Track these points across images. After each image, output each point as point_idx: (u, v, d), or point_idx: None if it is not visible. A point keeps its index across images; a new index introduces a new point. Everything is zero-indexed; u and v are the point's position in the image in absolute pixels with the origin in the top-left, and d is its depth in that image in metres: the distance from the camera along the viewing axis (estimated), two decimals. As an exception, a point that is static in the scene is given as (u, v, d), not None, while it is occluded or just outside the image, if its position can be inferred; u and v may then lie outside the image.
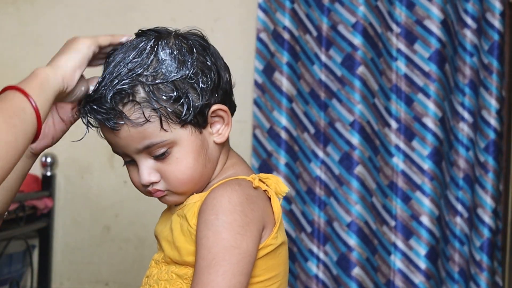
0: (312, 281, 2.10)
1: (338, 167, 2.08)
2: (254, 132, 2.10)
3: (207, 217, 1.01)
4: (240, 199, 1.02)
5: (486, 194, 2.06)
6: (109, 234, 2.20)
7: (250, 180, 1.06)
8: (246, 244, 1.00)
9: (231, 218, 1.00)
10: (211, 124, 1.07)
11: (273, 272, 1.07)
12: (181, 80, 1.03)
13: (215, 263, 0.99)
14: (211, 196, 1.03)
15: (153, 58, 1.03)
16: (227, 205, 1.01)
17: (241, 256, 1.00)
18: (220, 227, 1.00)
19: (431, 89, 2.07)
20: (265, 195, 1.06)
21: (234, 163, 1.11)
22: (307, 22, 2.12)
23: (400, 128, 2.11)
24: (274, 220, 1.06)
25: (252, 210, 1.02)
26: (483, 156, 2.07)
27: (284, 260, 1.09)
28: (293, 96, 2.10)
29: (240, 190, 1.03)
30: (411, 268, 2.08)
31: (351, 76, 2.07)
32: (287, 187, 1.08)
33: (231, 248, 0.99)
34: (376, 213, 2.09)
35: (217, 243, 1.00)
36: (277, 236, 1.06)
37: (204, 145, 1.06)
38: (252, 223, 1.02)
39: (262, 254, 1.04)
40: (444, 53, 2.07)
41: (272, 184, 1.07)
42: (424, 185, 2.07)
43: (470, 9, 2.10)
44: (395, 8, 2.10)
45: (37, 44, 2.24)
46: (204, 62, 1.05)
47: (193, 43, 1.06)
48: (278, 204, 1.06)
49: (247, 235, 1.01)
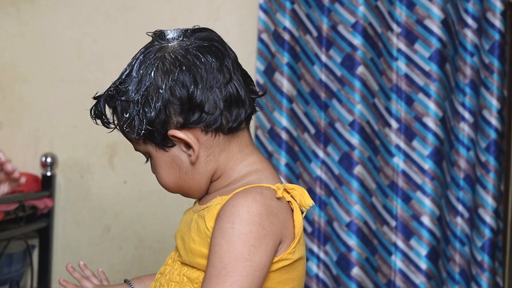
0: (312, 280, 2.10)
1: (338, 167, 2.08)
2: (256, 133, 2.10)
3: (223, 224, 1.00)
4: (260, 210, 0.99)
5: (487, 194, 2.06)
6: (109, 234, 2.20)
7: (274, 189, 1.03)
8: (259, 258, 0.98)
9: (247, 229, 0.98)
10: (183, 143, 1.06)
11: (287, 286, 1.05)
12: (136, 101, 1.04)
13: (225, 273, 0.97)
14: (230, 203, 1.01)
15: (128, 73, 1.07)
16: (245, 215, 0.99)
17: (252, 269, 0.97)
18: (234, 237, 0.98)
19: (432, 89, 2.07)
20: (288, 207, 1.04)
21: (257, 169, 1.08)
22: (307, 23, 2.11)
23: (401, 128, 2.10)
24: (294, 234, 1.03)
25: (270, 223, 1.00)
26: (484, 156, 2.06)
27: (300, 275, 1.07)
28: (293, 97, 2.10)
29: (261, 200, 1.00)
30: (411, 268, 2.08)
31: (350, 76, 2.07)
32: (312, 201, 1.06)
33: (243, 260, 0.97)
34: (377, 213, 2.08)
35: (229, 253, 0.98)
36: (295, 251, 1.03)
37: (176, 161, 1.07)
38: (268, 236, 0.99)
39: (277, 267, 1.02)
40: (444, 53, 2.07)
41: (297, 196, 1.05)
42: (424, 185, 2.07)
43: (470, 9, 2.09)
44: (395, 8, 2.10)
45: (37, 44, 2.24)
46: (175, 85, 1.03)
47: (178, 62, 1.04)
48: (300, 217, 1.04)
49: (262, 248, 0.98)
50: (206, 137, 1.05)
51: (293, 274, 1.05)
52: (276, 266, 1.02)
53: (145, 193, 2.18)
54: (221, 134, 1.06)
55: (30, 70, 2.23)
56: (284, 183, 1.06)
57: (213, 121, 1.04)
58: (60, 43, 2.23)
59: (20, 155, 2.24)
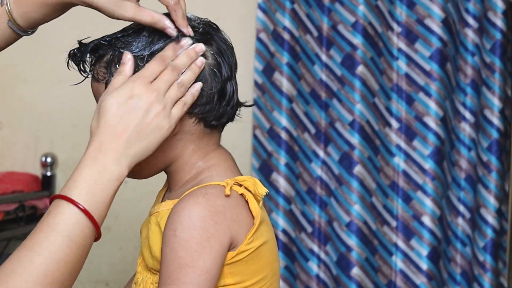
0: (313, 281, 2.10)
1: (338, 167, 2.08)
2: (254, 132, 2.09)
3: (167, 232, 0.99)
4: (201, 213, 0.98)
5: (489, 194, 2.05)
6: (109, 234, 2.19)
7: (223, 185, 1.02)
8: (202, 262, 0.97)
9: (188, 235, 0.97)
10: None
11: (259, 275, 1.04)
12: (140, 56, 1.02)
13: (170, 282, 0.97)
14: (174, 209, 1.00)
15: (137, 30, 1.05)
16: (186, 221, 0.97)
17: (195, 275, 0.97)
18: (176, 245, 0.97)
19: (432, 88, 2.07)
20: (241, 200, 1.03)
21: (211, 165, 1.07)
22: (307, 22, 2.11)
23: (401, 128, 2.10)
24: (253, 223, 1.02)
25: (215, 223, 0.98)
26: (486, 155, 2.06)
27: (269, 261, 1.06)
28: (293, 96, 2.09)
29: (204, 202, 0.99)
30: (412, 268, 2.07)
31: (351, 76, 2.06)
32: (266, 189, 1.04)
33: (186, 267, 0.97)
34: (377, 213, 2.08)
35: (173, 261, 0.97)
36: (252, 240, 1.02)
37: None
38: (213, 238, 0.98)
39: (238, 259, 1.01)
40: (445, 52, 2.07)
41: (251, 186, 1.04)
42: (425, 185, 2.07)
43: (471, 8, 2.09)
44: (396, 7, 2.10)
45: (37, 44, 2.24)
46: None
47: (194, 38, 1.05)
48: (256, 206, 1.03)
49: (205, 251, 0.97)
50: (190, 120, 1.04)
51: (262, 262, 1.05)
52: (236, 259, 1.01)
53: (146, 193, 2.18)
54: (202, 125, 1.05)
55: (30, 70, 2.23)
56: (237, 176, 1.05)
57: (205, 109, 1.04)
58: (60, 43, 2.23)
59: (20, 155, 2.24)
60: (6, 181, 2.05)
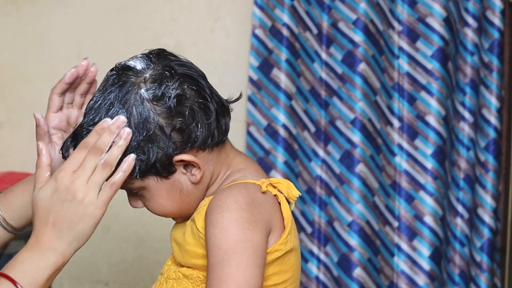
0: (312, 282, 2.08)
1: (339, 166, 2.07)
2: (248, 129, 2.08)
3: (213, 216, 1.00)
4: (247, 200, 1.00)
5: (486, 193, 2.05)
6: (109, 234, 2.19)
7: (259, 184, 1.04)
8: (256, 239, 0.98)
9: (238, 215, 0.99)
10: (183, 166, 1.05)
11: (282, 278, 1.05)
12: (132, 144, 1.01)
13: (227, 257, 0.97)
14: (216, 198, 1.02)
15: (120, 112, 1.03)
16: (233, 204, 1.00)
17: (253, 249, 0.98)
18: (226, 224, 0.98)
19: (434, 87, 2.06)
20: (274, 200, 1.05)
21: (241, 168, 1.09)
22: (307, 20, 2.11)
23: (403, 127, 2.09)
24: (284, 226, 1.04)
25: (259, 211, 1.00)
26: (484, 155, 2.05)
27: (294, 266, 1.07)
28: (292, 94, 2.08)
29: (246, 193, 1.01)
30: (414, 269, 2.06)
31: (352, 73, 2.06)
32: (299, 192, 1.06)
33: (241, 242, 0.97)
34: (379, 213, 2.07)
35: (226, 239, 0.98)
36: (287, 242, 1.03)
37: (176, 185, 1.05)
38: (259, 222, 1.00)
39: (269, 259, 1.02)
40: (446, 51, 2.06)
41: (284, 189, 1.05)
42: (427, 184, 2.06)
43: (470, 8, 2.09)
44: (397, 6, 2.10)
45: (37, 44, 2.24)
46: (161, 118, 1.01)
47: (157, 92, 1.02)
48: (288, 209, 1.04)
49: (256, 230, 0.99)
50: (204, 153, 1.05)
51: (286, 265, 1.05)
52: (269, 258, 1.02)
53: (146, 193, 2.18)
54: (215, 147, 1.06)
55: (30, 70, 2.23)
56: (269, 178, 1.07)
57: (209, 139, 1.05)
58: (60, 43, 2.23)
59: (20, 155, 2.23)
60: (6, 181, 2.04)
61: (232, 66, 2.18)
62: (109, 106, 1.03)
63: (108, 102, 1.03)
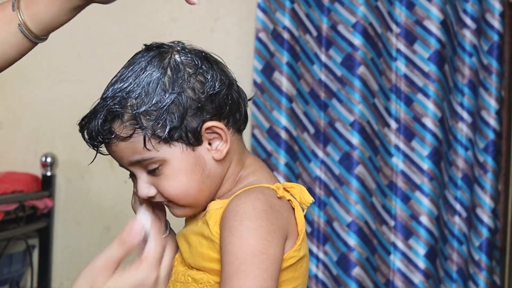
0: (311, 281, 2.10)
1: (338, 167, 2.08)
2: (253, 132, 2.10)
3: (231, 223, 0.98)
4: (264, 207, 0.99)
5: (485, 194, 2.06)
6: (109, 234, 2.20)
7: (274, 189, 1.03)
8: (273, 251, 0.97)
9: (257, 224, 0.97)
10: (209, 140, 1.03)
11: (292, 284, 1.04)
12: (164, 102, 1.00)
13: (244, 268, 0.95)
14: (234, 203, 1.00)
15: (143, 80, 1.01)
16: (251, 211, 0.98)
17: (269, 262, 0.96)
18: (245, 232, 0.97)
19: (431, 89, 2.08)
20: (289, 205, 1.03)
21: (254, 171, 1.07)
22: (307, 22, 2.12)
23: (400, 128, 2.11)
24: (297, 231, 1.03)
25: (276, 219, 0.99)
26: (482, 156, 2.07)
27: (304, 273, 1.06)
28: (293, 96, 2.10)
29: (264, 199, 1.00)
30: (410, 267, 2.08)
31: (351, 76, 2.07)
32: (312, 198, 1.04)
33: (259, 254, 0.96)
34: (376, 213, 2.09)
35: (243, 249, 0.96)
36: (300, 249, 1.02)
37: (200, 162, 1.03)
38: (277, 231, 0.98)
39: (284, 266, 1.01)
40: (443, 54, 2.08)
41: (297, 194, 1.04)
42: (423, 185, 2.08)
43: (469, 10, 2.10)
44: (395, 8, 2.11)
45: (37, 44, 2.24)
46: (195, 82, 1.02)
47: (191, 59, 1.03)
48: (302, 215, 1.03)
49: (274, 242, 0.97)
50: (229, 132, 1.04)
51: (298, 272, 1.04)
52: (283, 265, 1.01)
53: (145, 193, 2.19)
54: (236, 132, 1.05)
55: (30, 70, 2.23)
56: (282, 183, 1.06)
57: (236, 114, 1.04)
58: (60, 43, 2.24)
59: (20, 155, 2.24)
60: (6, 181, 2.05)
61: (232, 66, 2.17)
62: (139, 71, 1.02)
63: (138, 69, 1.02)
